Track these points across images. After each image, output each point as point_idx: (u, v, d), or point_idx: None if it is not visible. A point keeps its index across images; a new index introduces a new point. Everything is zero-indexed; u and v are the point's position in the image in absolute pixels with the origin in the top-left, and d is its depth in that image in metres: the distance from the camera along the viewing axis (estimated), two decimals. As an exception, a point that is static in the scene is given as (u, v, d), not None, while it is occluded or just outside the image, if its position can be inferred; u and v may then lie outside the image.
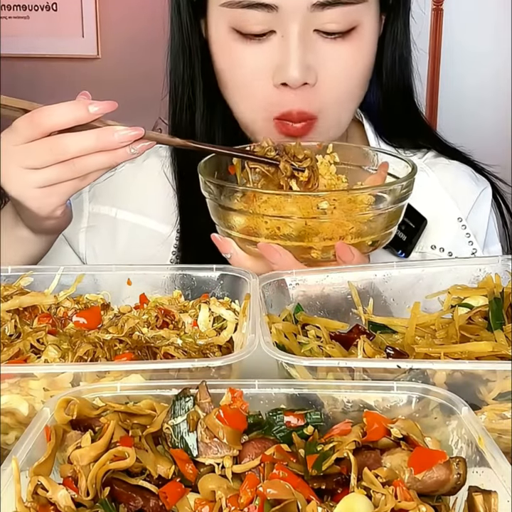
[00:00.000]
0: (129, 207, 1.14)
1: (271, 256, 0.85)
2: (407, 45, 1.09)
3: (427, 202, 1.11)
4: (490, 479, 0.54)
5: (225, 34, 0.97)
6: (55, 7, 2.34)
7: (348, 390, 0.62)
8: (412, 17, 1.09)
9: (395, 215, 0.89)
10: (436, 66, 2.17)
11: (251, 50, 0.96)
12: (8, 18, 2.35)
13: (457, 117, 2.14)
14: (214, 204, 0.90)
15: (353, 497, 0.52)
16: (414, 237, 1.09)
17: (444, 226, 1.12)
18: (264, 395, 0.62)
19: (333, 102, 0.99)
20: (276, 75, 0.94)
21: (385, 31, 1.06)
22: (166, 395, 0.61)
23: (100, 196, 1.15)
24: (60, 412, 0.58)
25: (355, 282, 0.84)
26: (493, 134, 2.09)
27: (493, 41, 2.11)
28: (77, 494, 0.53)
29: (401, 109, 1.14)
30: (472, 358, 0.69)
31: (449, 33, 2.14)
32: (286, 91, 0.95)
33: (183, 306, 0.85)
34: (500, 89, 2.13)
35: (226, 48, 0.98)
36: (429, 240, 1.12)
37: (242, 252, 0.89)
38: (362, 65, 0.99)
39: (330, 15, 0.93)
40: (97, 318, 0.83)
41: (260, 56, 0.95)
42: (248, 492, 0.52)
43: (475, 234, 1.13)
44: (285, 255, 0.85)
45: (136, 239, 1.14)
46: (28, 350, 0.74)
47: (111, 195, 1.15)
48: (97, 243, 1.14)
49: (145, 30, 2.24)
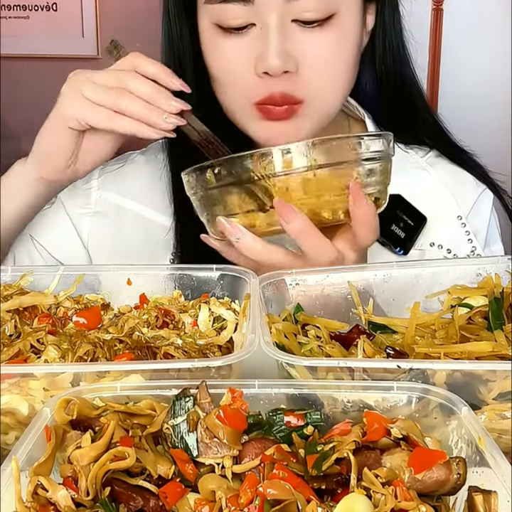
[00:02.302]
0: (135, 198, 1.16)
1: (286, 214, 0.81)
2: (397, 34, 1.09)
3: (428, 199, 1.12)
4: (490, 479, 0.54)
5: (209, 30, 0.99)
6: (55, 7, 2.34)
7: (348, 390, 0.62)
8: (404, 8, 1.09)
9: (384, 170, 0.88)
10: (437, 66, 2.17)
11: (232, 43, 0.98)
12: (8, 18, 2.35)
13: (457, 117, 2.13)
14: (209, 193, 0.86)
15: (353, 497, 0.52)
16: (413, 235, 1.10)
17: (444, 224, 1.13)
18: (264, 395, 0.62)
19: (318, 87, 0.99)
20: (258, 64, 0.96)
21: (375, 22, 1.07)
22: (166, 395, 0.61)
23: (109, 184, 1.16)
24: (60, 412, 0.58)
25: (355, 282, 0.84)
26: (494, 133, 2.09)
27: (493, 41, 2.11)
28: (77, 494, 0.53)
29: (399, 101, 1.13)
30: (472, 358, 0.69)
31: (449, 33, 2.14)
32: (269, 79, 0.96)
33: (183, 306, 0.85)
34: (500, 88, 2.13)
35: (210, 43, 1.00)
36: (429, 237, 1.12)
37: (251, 234, 0.85)
38: (344, 52, 1.00)
39: (306, 3, 0.94)
40: (97, 318, 0.83)
41: (241, 48, 0.97)
42: (248, 492, 0.52)
43: (475, 232, 1.13)
44: (301, 215, 0.82)
45: (141, 229, 1.15)
46: (28, 350, 0.74)
47: (119, 185, 1.16)
48: (101, 229, 1.15)
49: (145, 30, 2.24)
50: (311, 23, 0.96)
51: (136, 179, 1.17)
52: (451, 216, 1.13)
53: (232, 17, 0.96)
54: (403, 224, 1.08)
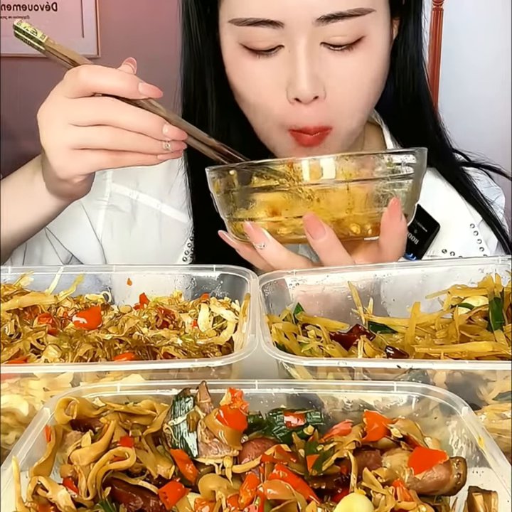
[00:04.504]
0: (150, 192, 1.16)
1: (314, 230, 0.81)
2: (417, 49, 1.07)
3: (441, 207, 1.12)
4: (490, 479, 0.54)
5: (234, 49, 0.97)
6: (55, 7, 2.34)
7: (348, 390, 0.62)
8: (424, 16, 1.08)
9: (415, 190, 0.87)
10: (437, 66, 2.17)
11: (260, 65, 0.96)
12: (8, 18, 2.35)
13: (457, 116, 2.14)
14: (234, 194, 0.85)
15: (352, 497, 0.52)
16: (426, 242, 1.10)
17: (457, 231, 1.13)
18: (264, 395, 0.62)
19: (346, 112, 0.99)
20: (289, 90, 0.94)
21: (398, 33, 1.05)
22: (166, 395, 0.61)
23: (123, 178, 1.16)
24: (60, 412, 0.58)
25: (355, 282, 0.84)
26: (494, 132, 2.09)
27: (493, 41, 2.11)
28: (77, 494, 0.53)
29: (413, 113, 1.13)
30: (472, 358, 0.69)
31: (449, 33, 2.14)
32: (300, 106, 0.95)
33: (183, 306, 0.86)
34: (500, 88, 2.13)
35: (236, 62, 0.98)
36: (441, 244, 1.12)
37: (276, 242, 0.84)
38: (372, 75, 0.98)
39: (335, 28, 0.92)
40: (97, 318, 0.83)
41: (269, 70, 0.95)
42: (248, 492, 0.52)
43: (486, 240, 1.13)
44: (328, 231, 0.82)
45: (154, 224, 1.15)
46: (28, 350, 0.74)
47: (134, 179, 1.16)
48: (115, 222, 1.15)
49: (145, 30, 2.24)
50: (340, 46, 0.94)
51: (153, 174, 1.15)
52: (464, 224, 1.14)
53: (262, 39, 0.93)
54: (417, 230, 1.08)
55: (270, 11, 0.91)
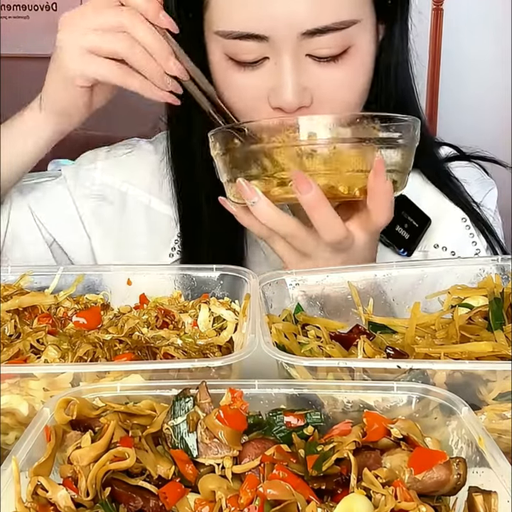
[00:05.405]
0: (140, 185, 1.16)
1: (301, 184, 0.83)
2: (402, 52, 1.07)
3: (432, 201, 1.11)
4: (490, 479, 0.54)
5: (220, 60, 0.96)
6: (55, 7, 2.34)
7: (348, 390, 0.62)
8: (411, 19, 1.07)
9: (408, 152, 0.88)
10: (437, 66, 2.17)
11: (246, 76, 0.95)
12: (8, 18, 2.35)
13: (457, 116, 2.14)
14: (232, 155, 0.87)
15: (352, 497, 0.52)
16: (417, 237, 1.10)
17: (448, 226, 1.12)
18: (264, 395, 0.62)
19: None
20: (272, 99, 0.94)
21: (384, 36, 1.04)
22: (166, 395, 0.61)
23: (114, 170, 1.16)
24: (60, 412, 0.58)
25: (355, 282, 0.84)
26: (494, 132, 2.09)
27: (493, 41, 2.11)
28: (77, 494, 0.53)
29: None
30: (472, 358, 0.69)
31: (449, 33, 2.14)
32: (283, 113, 0.94)
33: (183, 306, 0.86)
34: (500, 88, 2.13)
35: (222, 72, 0.97)
36: (433, 239, 1.12)
37: (266, 199, 0.86)
38: (358, 84, 0.98)
39: (321, 41, 0.91)
40: (97, 318, 0.83)
41: (255, 81, 0.95)
42: (248, 492, 0.52)
43: (479, 235, 1.13)
44: (315, 187, 0.83)
45: (143, 217, 1.14)
46: (28, 351, 0.74)
47: (124, 172, 1.16)
48: (105, 212, 1.15)
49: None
50: (326, 58, 0.93)
51: (142, 167, 1.16)
52: (456, 218, 1.13)
53: (247, 52, 0.93)
54: (407, 225, 1.08)
55: (254, 25, 0.90)
